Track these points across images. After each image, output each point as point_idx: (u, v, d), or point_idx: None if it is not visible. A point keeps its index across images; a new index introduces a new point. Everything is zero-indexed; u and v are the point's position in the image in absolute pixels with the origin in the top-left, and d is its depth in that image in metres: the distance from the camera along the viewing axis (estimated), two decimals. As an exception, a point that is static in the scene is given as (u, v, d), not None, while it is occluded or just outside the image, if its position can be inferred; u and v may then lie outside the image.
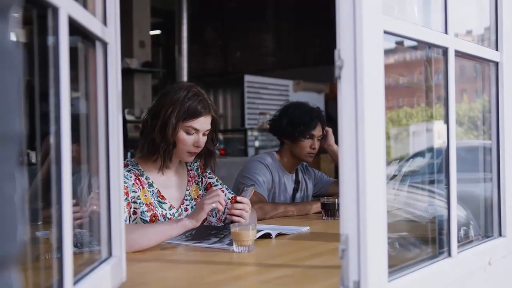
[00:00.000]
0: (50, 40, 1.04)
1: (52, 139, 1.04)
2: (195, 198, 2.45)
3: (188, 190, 2.45)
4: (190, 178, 2.48)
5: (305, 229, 2.46)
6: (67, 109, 1.05)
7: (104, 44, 1.40)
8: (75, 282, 1.13)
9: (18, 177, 0.60)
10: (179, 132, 2.28)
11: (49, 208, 1.15)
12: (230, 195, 2.48)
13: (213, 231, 2.23)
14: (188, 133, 2.29)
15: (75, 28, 1.15)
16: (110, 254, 1.42)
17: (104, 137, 1.40)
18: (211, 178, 2.53)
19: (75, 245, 1.20)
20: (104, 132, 1.40)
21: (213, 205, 2.08)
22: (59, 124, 1.04)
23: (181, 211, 2.38)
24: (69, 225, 1.05)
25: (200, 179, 2.51)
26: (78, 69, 1.35)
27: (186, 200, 2.42)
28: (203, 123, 2.31)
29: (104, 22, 1.40)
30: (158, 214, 2.28)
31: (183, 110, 2.25)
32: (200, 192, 2.49)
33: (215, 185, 2.50)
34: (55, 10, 1.02)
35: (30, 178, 1.93)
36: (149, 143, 2.29)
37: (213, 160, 2.47)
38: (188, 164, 2.50)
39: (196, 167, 2.52)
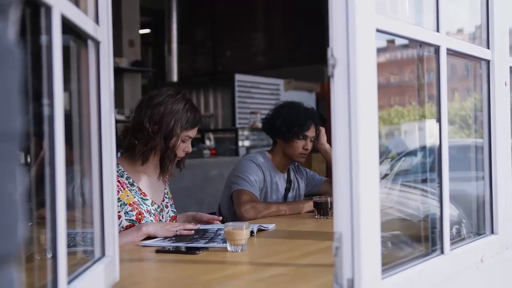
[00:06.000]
0: (43, 39, 1.04)
1: (45, 139, 1.04)
2: (171, 197, 2.60)
3: (166, 189, 2.57)
4: (166, 179, 2.59)
5: (271, 226, 2.48)
6: (60, 108, 1.05)
7: (97, 43, 1.39)
8: (69, 282, 1.12)
9: (19, 175, 0.61)
10: (180, 142, 2.39)
11: (40, 208, 1.14)
12: (172, 214, 2.56)
13: (195, 235, 2.22)
14: (183, 141, 2.41)
15: (67, 27, 1.15)
16: (103, 253, 1.41)
17: (96, 137, 1.40)
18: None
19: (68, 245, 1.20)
20: (97, 132, 1.40)
21: (177, 232, 2.22)
22: (52, 124, 1.03)
23: (163, 207, 2.50)
24: (63, 225, 1.05)
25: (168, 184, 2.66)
26: (70, 68, 1.35)
27: (166, 197, 2.55)
28: (196, 131, 2.47)
29: (96, 21, 1.39)
30: (143, 211, 2.36)
31: (185, 121, 2.38)
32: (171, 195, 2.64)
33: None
34: (48, 9, 1.02)
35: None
36: (150, 150, 2.37)
37: (186, 158, 2.54)
38: None
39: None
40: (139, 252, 2.01)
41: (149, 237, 2.19)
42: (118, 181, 2.32)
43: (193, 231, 2.24)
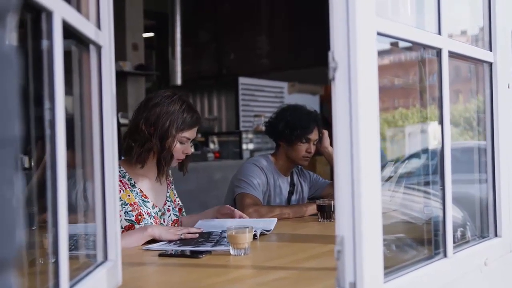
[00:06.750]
0: (44, 43, 1.04)
1: (47, 144, 1.04)
2: (173, 201, 2.59)
3: (168, 192, 2.57)
4: (168, 182, 2.60)
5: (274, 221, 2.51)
6: (61, 113, 1.05)
7: (98, 48, 1.39)
8: (71, 286, 1.12)
9: (17, 181, 0.61)
10: (176, 143, 2.39)
11: (44, 213, 1.15)
12: (174, 217, 2.57)
13: (200, 238, 2.22)
14: (181, 142, 2.41)
15: (69, 32, 1.15)
16: (105, 258, 1.42)
17: (99, 141, 1.40)
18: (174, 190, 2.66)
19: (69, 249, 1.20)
20: (99, 136, 1.40)
21: (182, 236, 2.23)
22: (54, 129, 1.03)
23: (164, 210, 2.50)
24: (65, 230, 1.05)
25: (173, 186, 2.65)
26: (71, 73, 1.35)
27: (168, 201, 2.55)
28: (195, 132, 2.46)
29: (98, 26, 1.39)
30: (143, 213, 2.37)
31: (181, 122, 2.38)
32: (176, 197, 2.62)
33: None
34: (49, 14, 1.02)
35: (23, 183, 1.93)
36: (146, 152, 2.37)
37: (189, 161, 2.54)
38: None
39: (170, 174, 2.66)
40: (141, 256, 2.01)
41: (152, 240, 2.19)
42: (120, 181, 2.33)
43: (197, 235, 2.24)
